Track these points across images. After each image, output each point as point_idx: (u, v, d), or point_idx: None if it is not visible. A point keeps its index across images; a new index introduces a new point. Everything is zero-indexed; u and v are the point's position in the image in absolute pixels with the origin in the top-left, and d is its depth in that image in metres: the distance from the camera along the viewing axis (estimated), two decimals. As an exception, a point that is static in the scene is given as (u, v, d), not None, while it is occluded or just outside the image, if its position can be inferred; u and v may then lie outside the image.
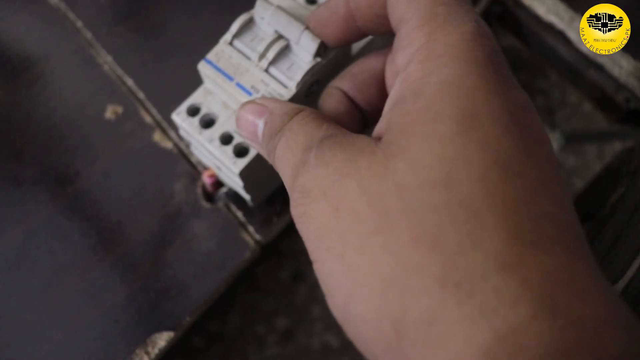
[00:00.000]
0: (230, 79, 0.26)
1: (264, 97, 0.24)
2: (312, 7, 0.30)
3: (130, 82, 0.35)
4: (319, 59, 0.26)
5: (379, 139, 0.17)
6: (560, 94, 0.49)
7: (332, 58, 0.27)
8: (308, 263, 0.19)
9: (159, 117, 0.34)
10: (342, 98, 0.24)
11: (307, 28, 0.25)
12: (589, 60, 0.38)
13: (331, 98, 0.24)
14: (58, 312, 0.30)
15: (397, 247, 0.15)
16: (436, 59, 0.17)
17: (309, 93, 0.27)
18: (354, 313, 0.16)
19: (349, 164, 0.17)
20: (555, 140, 0.44)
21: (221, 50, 0.27)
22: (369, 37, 0.29)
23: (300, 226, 0.18)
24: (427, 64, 0.17)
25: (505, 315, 0.14)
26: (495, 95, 0.16)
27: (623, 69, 0.37)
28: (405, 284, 0.15)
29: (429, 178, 0.15)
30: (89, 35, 0.36)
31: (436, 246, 0.15)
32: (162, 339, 0.30)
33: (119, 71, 0.35)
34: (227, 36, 0.27)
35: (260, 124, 0.22)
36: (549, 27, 0.39)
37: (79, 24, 0.37)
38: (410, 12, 0.19)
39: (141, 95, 0.35)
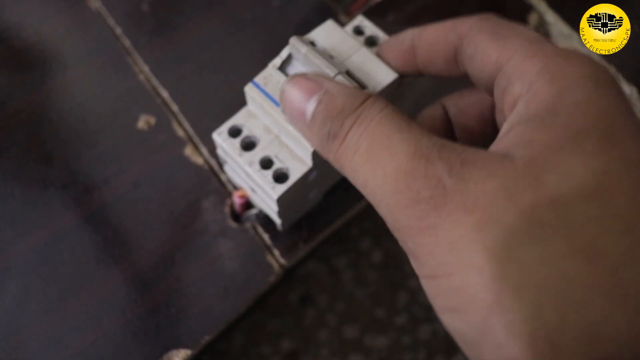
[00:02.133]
0: (277, 104, 0.26)
1: (317, 73, 0.22)
2: (360, 37, 0.30)
3: (165, 94, 0.35)
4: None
5: (503, 155, 0.17)
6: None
7: (381, 93, 0.27)
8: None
9: (191, 131, 0.34)
10: (442, 116, 0.25)
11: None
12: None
13: (434, 111, 0.26)
14: (76, 320, 0.30)
15: (554, 258, 0.15)
16: (565, 80, 0.17)
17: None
18: (497, 327, 0.15)
19: (491, 179, 0.16)
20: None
21: (269, 74, 0.27)
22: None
23: (424, 239, 0.17)
24: (555, 85, 0.17)
25: None
26: (628, 115, 0.16)
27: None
28: (564, 294, 0.14)
29: (582, 191, 0.15)
30: (127, 42, 0.36)
31: (597, 258, 0.15)
32: (179, 357, 0.30)
33: (155, 82, 0.35)
34: (277, 60, 0.27)
35: (311, 103, 0.20)
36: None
37: (118, 30, 0.37)
38: (509, 52, 0.19)
39: (175, 108, 0.35)
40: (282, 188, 0.27)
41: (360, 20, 0.30)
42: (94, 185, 0.33)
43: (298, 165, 0.27)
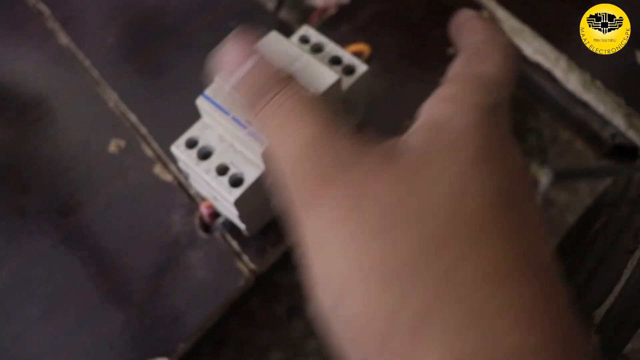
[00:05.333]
0: (227, 113, 0.28)
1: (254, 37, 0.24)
2: (306, 46, 0.31)
3: (133, 117, 0.37)
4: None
5: (399, 151, 0.19)
6: (552, 133, 0.51)
7: (323, 95, 0.28)
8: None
9: (160, 150, 0.36)
10: None
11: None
12: (575, 99, 0.39)
13: None
14: (56, 338, 0.31)
15: (402, 250, 0.16)
16: (460, 107, 0.19)
17: (300, 126, 0.28)
18: (344, 312, 0.17)
19: (378, 171, 0.18)
20: (545, 176, 0.45)
21: (218, 87, 0.29)
22: (356, 76, 0.31)
23: (311, 210, 0.18)
24: (451, 109, 0.19)
25: (488, 328, 0.15)
26: (500, 148, 0.19)
27: (608, 106, 0.38)
28: (403, 285, 0.16)
29: (445, 196, 0.17)
30: (95, 73, 0.38)
31: (439, 255, 0.16)
32: (157, 366, 0.30)
33: (123, 107, 0.37)
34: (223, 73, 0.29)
35: (248, 63, 0.22)
36: (536, 67, 0.40)
37: (87, 63, 0.39)
38: (453, 70, 0.23)
39: (143, 130, 0.36)
40: (238, 191, 0.28)
41: (305, 29, 0.32)
42: (68, 209, 0.34)
43: (252, 169, 0.29)
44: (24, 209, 0.34)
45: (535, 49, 0.40)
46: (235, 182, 0.29)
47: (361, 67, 0.31)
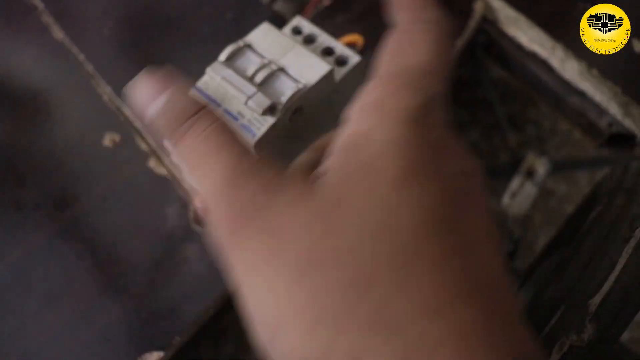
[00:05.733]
0: (218, 105, 0.28)
1: (167, 72, 0.22)
2: (298, 37, 0.31)
3: (128, 111, 0.37)
4: (301, 86, 0.27)
5: (312, 181, 0.18)
6: (551, 123, 0.50)
7: (315, 86, 0.28)
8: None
9: (154, 144, 0.36)
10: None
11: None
12: (572, 88, 0.39)
13: (309, 157, 0.25)
14: (53, 332, 0.31)
15: (330, 288, 0.16)
16: (383, 117, 0.18)
17: (292, 119, 0.28)
18: (280, 346, 0.17)
19: (293, 206, 0.17)
20: (543, 167, 0.45)
21: (210, 78, 0.28)
22: (349, 67, 0.30)
23: (234, 252, 0.18)
24: (374, 119, 0.18)
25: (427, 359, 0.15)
26: (431, 160, 0.17)
27: (604, 95, 0.38)
28: (335, 322, 0.16)
29: (366, 228, 0.16)
30: (90, 67, 0.38)
31: (368, 290, 0.16)
32: (152, 359, 0.31)
33: (118, 101, 0.37)
34: (215, 65, 0.29)
35: (162, 97, 0.21)
36: (532, 56, 0.40)
37: (82, 57, 0.39)
38: (381, 63, 0.21)
39: (138, 124, 0.36)
40: (230, 184, 0.28)
41: (298, 20, 0.32)
42: (64, 203, 0.34)
43: (245, 162, 0.29)
44: (20, 203, 0.34)
45: (531, 38, 0.40)
46: (228, 174, 0.29)
47: (354, 58, 0.31)
